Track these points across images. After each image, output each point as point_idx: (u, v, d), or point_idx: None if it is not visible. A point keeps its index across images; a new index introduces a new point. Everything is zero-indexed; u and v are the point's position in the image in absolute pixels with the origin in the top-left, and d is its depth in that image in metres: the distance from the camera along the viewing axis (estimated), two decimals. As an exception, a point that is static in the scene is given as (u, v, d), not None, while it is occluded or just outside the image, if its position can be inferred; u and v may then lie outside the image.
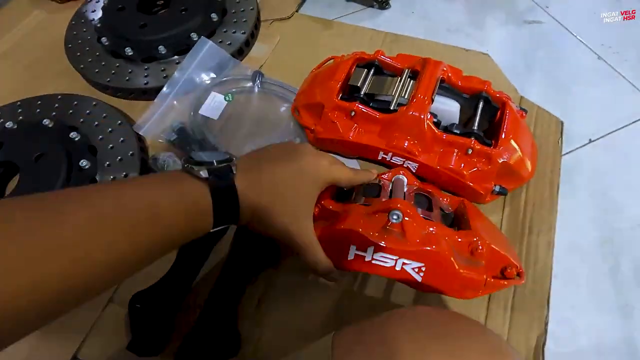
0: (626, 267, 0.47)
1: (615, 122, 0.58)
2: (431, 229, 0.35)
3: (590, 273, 0.47)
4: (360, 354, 0.23)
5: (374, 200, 0.39)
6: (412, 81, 0.49)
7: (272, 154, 0.36)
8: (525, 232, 0.47)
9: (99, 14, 0.69)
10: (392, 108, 0.47)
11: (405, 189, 0.42)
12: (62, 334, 0.43)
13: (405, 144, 0.47)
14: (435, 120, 0.46)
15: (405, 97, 0.47)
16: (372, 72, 0.52)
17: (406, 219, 0.34)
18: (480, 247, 0.35)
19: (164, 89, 0.59)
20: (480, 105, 0.48)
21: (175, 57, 0.63)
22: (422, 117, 0.45)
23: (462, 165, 0.46)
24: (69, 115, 0.58)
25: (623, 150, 0.55)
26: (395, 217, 0.34)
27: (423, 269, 0.34)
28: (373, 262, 0.35)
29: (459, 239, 0.36)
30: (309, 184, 0.35)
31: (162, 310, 0.42)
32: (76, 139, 0.54)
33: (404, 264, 0.34)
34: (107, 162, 0.53)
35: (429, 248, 0.33)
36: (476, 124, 0.47)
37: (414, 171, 0.48)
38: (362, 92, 0.49)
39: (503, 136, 0.45)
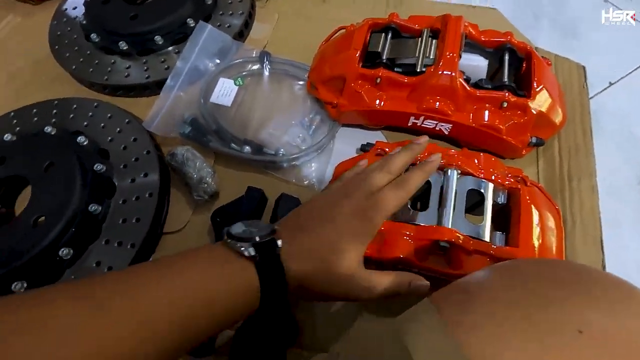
0: (666, 202, 0.47)
1: (631, 63, 0.57)
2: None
3: (634, 212, 0.47)
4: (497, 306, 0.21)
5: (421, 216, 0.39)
6: (434, 40, 0.47)
7: (311, 214, 0.33)
8: (564, 180, 0.47)
9: (81, 9, 0.64)
10: (418, 70, 0.46)
11: (455, 188, 0.39)
12: None
13: (437, 105, 0.45)
14: (464, 77, 0.45)
15: (431, 57, 0.46)
16: (389, 37, 0.49)
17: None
18: None
19: (168, 81, 0.56)
20: (506, 57, 0.47)
21: (173, 46, 0.60)
22: (454, 74, 0.43)
23: (497, 120, 0.45)
24: (70, 120, 0.54)
25: (642, 89, 0.55)
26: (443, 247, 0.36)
27: None
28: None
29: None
30: (353, 236, 0.32)
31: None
32: (84, 143, 0.50)
33: None
34: (123, 164, 0.50)
35: None
36: (506, 76, 0.46)
37: (447, 133, 0.47)
38: (384, 58, 0.47)
39: (535, 85, 0.44)
